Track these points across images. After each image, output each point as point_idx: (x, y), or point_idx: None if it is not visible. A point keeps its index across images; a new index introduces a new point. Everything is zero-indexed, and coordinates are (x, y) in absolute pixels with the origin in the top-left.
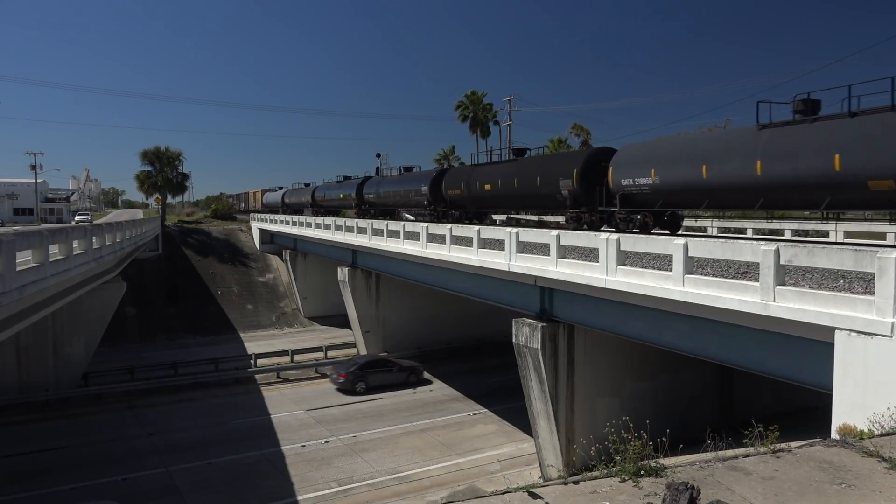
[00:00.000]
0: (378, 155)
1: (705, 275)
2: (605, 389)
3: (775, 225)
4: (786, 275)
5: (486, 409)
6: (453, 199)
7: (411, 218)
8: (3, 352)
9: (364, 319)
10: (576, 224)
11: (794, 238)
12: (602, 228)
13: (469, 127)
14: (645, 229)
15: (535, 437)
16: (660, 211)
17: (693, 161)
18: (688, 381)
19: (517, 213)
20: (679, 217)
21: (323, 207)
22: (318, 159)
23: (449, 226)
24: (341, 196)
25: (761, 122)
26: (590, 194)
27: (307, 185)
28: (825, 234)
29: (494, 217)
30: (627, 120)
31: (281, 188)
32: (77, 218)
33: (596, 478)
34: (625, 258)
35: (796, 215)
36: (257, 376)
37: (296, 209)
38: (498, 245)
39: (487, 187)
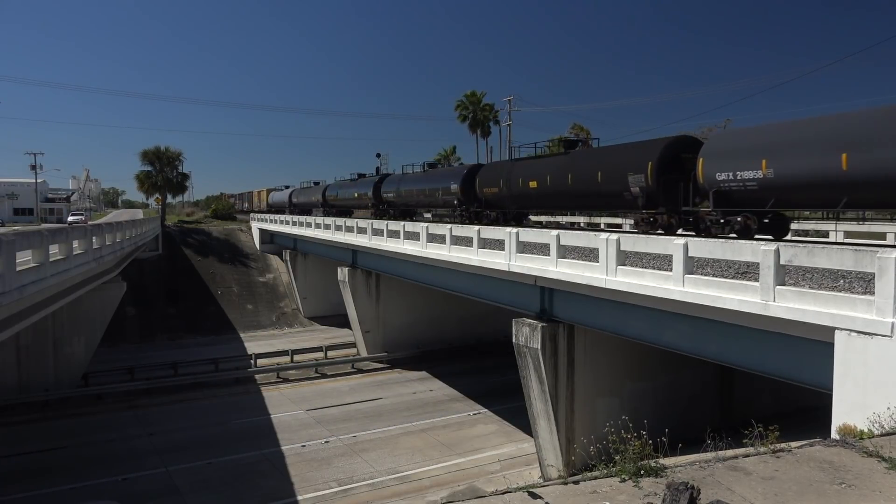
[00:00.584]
0: (378, 155)
1: (705, 275)
2: (604, 389)
3: None
4: (786, 275)
5: (486, 409)
6: (490, 198)
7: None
8: (3, 352)
9: (364, 319)
10: (648, 227)
11: (794, 238)
12: (679, 233)
13: (469, 127)
14: (746, 234)
15: (535, 437)
16: (763, 212)
17: (828, 148)
18: (688, 381)
19: (570, 215)
20: (786, 220)
21: (335, 207)
22: (318, 159)
23: (449, 226)
24: (356, 195)
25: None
26: (670, 192)
27: (316, 183)
28: (825, 233)
29: (539, 219)
30: (627, 120)
31: (287, 187)
32: (70, 218)
33: (596, 478)
34: (625, 258)
35: (796, 215)
36: (257, 376)
37: (304, 209)
38: (498, 245)
39: (532, 184)
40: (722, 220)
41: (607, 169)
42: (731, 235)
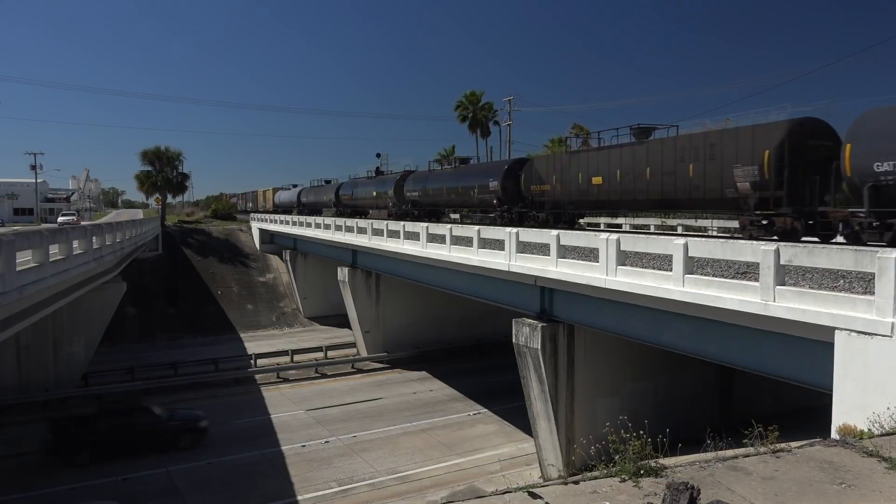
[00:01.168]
0: (378, 155)
1: (705, 275)
2: (605, 389)
3: None
4: (786, 275)
5: (486, 409)
6: (538, 197)
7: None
8: (3, 352)
9: (364, 319)
10: (761, 232)
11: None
12: (803, 239)
13: (469, 127)
14: None
15: (535, 437)
16: None
17: None
18: (688, 381)
19: (640, 215)
20: None
21: (350, 207)
22: (318, 159)
23: (449, 225)
24: (374, 194)
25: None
26: (795, 188)
27: (328, 181)
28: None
29: (597, 221)
30: (627, 120)
31: (295, 186)
32: (61, 219)
33: (596, 478)
34: (625, 258)
35: None
36: (257, 376)
37: (315, 209)
38: (498, 245)
39: (596, 181)
40: (877, 224)
41: (704, 160)
42: (883, 245)
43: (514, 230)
